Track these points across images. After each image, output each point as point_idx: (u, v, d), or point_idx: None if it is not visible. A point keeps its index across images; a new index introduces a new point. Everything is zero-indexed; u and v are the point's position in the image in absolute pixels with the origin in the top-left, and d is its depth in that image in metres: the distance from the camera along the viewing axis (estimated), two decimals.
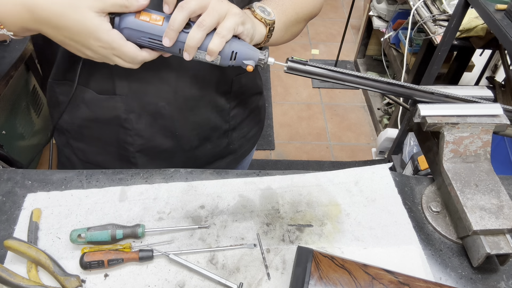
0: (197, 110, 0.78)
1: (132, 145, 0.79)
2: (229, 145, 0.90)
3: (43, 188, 0.72)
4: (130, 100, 0.73)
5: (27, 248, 0.58)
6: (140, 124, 0.76)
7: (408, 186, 0.77)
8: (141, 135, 0.77)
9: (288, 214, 0.70)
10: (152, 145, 0.79)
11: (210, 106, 0.79)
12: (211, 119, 0.81)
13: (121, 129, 0.77)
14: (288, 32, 0.75)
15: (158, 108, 0.74)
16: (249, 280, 0.61)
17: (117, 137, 0.79)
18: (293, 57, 0.63)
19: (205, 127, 0.81)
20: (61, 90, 0.76)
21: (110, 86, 0.71)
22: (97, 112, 0.75)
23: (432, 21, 1.79)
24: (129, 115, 0.74)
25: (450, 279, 0.63)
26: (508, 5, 1.28)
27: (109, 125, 0.77)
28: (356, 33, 3.41)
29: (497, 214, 0.62)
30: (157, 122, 0.76)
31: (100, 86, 0.72)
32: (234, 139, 0.90)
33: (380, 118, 2.66)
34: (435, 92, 0.67)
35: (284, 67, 0.64)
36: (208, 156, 0.88)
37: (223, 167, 0.93)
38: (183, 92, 0.74)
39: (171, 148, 0.81)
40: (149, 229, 0.65)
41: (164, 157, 0.82)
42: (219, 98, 0.79)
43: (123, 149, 0.80)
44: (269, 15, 0.67)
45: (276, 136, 2.59)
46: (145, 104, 0.73)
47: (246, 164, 1.04)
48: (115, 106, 0.73)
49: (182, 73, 0.72)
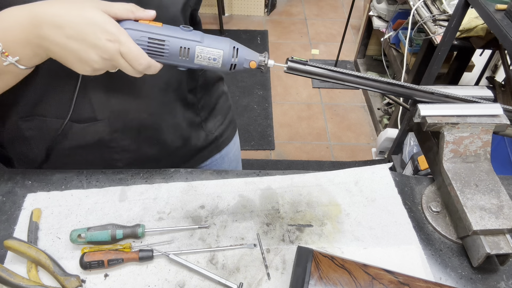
0: (174, 112, 0.78)
1: (120, 161, 0.78)
2: (208, 136, 0.91)
3: (43, 188, 0.72)
4: (112, 122, 0.71)
5: (27, 248, 0.58)
6: (125, 141, 0.75)
7: (408, 186, 0.77)
8: (128, 150, 0.77)
9: (288, 214, 0.70)
10: (139, 156, 0.79)
11: (183, 104, 0.80)
12: (185, 116, 0.82)
13: (106, 149, 0.75)
14: None
15: (141, 120, 0.74)
16: (249, 280, 0.61)
17: (102, 157, 0.77)
18: (293, 57, 0.63)
19: (183, 125, 0.82)
20: (28, 126, 0.70)
21: (90, 114, 0.69)
22: (78, 140, 0.73)
23: (432, 21, 1.79)
24: (112, 135, 0.73)
25: (450, 279, 0.63)
26: (508, 5, 1.27)
27: (92, 149, 0.75)
28: (356, 33, 3.41)
29: (497, 214, 0.62)
30: (141, 135, 0.76)
31: (79, 116, 0.69)
32: (211, 129, 0.91)
33: (380, 118, 2.66)
34: (435, 92, 0.67)
35: (284, 67, 0.64)
36: (192, 151, 0.89)
37: (207, 157, 0.94)
38: (160, 98, 0.74)
39: (158, 154, 0.82)
40: (149, 229, 0.65)
41: (152, 162, 0.82)
42: (188, 95, 0.81)
43: (110, 166, 0.79)
44: None
45: (276, 136, 2.59)
46: (127, 121, 0.73)
47: (232, 151, 1.04)
48: (97, 131, 0.72)
49: (155, 82, 0.71)
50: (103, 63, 0.54)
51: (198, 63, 0.59)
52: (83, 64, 0.54)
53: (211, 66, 0.59)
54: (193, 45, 0.57)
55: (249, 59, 0.61)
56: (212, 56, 0.58)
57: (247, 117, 2.67)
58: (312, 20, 3.69)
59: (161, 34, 0.56)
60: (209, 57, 0.58)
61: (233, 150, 1.04)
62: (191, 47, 0.57)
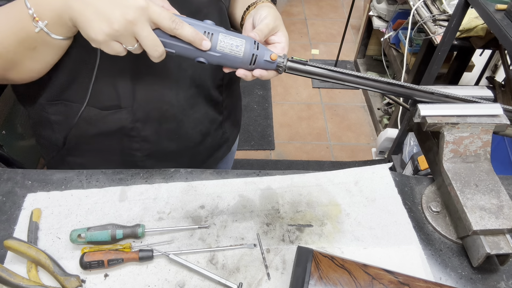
0: (197, 107, 0.79)
1: (139, 150, 0.79)
2: (223, 135, 0.91)
3: (43, 188, 0.72)
4: (135, 111, 0.72)
5: (27, 248, 0.58)
6: (146, 131, 0.76)
7: (408, 186, 0.77)
8: (148, 140, 0.78)
9: (288, 214, 0.70)
10: (159, 148, 0.80)
11: (207, 101, 0.80)
12: (208, 113, 0.82)
13: (126, 137, 0.76)
14: None
15: (162, 112, 0.74)
16: (249, 280, 0.61)
17: (122, 146, 0.78)
18: (293, 57, 0.63)
19: (204, 122, 0.83)
20: (54, 110, 0.73)
21: (115, 102, 0.71)
22: (100, 127, 0.74)
23: (432, 21, 1.79)
24: (135, 124, 0.74)
25: (450, 279, 0.63)
26: (508, 5, 1.27)
27: (113, 136, 0.76)
28: (356, 33, 3.41)
29: (497, 214, 0.62)
30: (162, 126, 0.76)
31: (104, 103, 0.71)
32: (227, 129, 0.92)
33: (380, 118, 2.66)
34: (435, 92, 0.67)
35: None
36: (209, 149, 0.90)
37: (220, 157, 0.95)
38: (184, 92, 0.75)
39: (177, 149, 0.82)
40: (149, 229, 0.65)
41: (171, 158, 0.83)
42: (213, 92, 0.81)
43: (129, 155, 0.79)
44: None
45: (276, 136, 2.59)
46: (150, 110, 0.73)
47: (234, 151, 1.06)
48: (120, 118, 0.73)
49: (181, 75, 0.73)
50: (125, 26, 0.51)
51: (221, 50, 0.59)
52: (101, 22, 0.50)
53: (232, 55, 0.59)
54: (217, 30, 0.58)
55: (270, 52, 0.61)
56: (234, 43, 0.59)
57: (247, 117, 2.67)
58: (312, 20, 3.69)
59: (186, 17, 0.57)
60: (232, 44, 0.59)
61: (234, 150, 1.05)
62: (214, 33, 0.58)
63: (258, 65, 0.61)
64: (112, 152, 0.79)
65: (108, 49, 0.54)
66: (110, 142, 0.77)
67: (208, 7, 0.71)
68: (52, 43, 0.57)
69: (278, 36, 0.67)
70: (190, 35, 0.55)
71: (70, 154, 0.80)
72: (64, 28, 0.56)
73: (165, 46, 0.56)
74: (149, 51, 0.55)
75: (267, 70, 0.63)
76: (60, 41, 0.58)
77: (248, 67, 0.61)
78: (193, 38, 0.55)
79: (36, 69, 0.62)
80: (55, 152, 0.80)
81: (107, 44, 0.53)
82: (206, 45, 0.57)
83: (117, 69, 0.67)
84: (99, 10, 0.50)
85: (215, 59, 0.59)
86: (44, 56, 0.60)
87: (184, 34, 0.55)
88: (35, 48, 0.58)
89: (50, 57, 0.61)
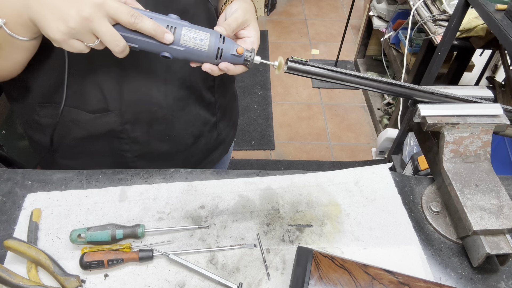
0: (188, 109, 0.78)
1: (129, 152, 0.79)
2: (219, 136, 0.91)
3: (43, 188, 0.72)
4: (124, 113, 0.72)
5: (27, 248, 0.58)
6: (136, 133, 0.76)
7: (408, 186, 0.77)
8: (138, 142, 0.77)
9: (288, 214, 0.70)
10: (149, 149, 0.80)
11: (198, 102, 0.80)
12: (200, 114, 0.82)
13: (116, 139, 0.76)
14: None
15: (152, 114, 0.74)
16: (249, 280, 0.61)
17: (112, 148, 0.78)
18: (293, 57, 0.63)
19: (196, 123, 0.82)
20: (44, 113, 0.73)
21: (102, 104, 0.70)
22: (89, 129, 0.73)
23: (432, 21, 1.79)
24: (124, 126, 0.74)
25: (450, 279, 0.63)
26: (508, 5, 1.27)
27: (103, 138, 0.75)
28: (356, 33, 3.41)
29: (497, 214, 0.62)
30: (152, 128, 0.76)
31: (91, 105, 0.70)
32: (222, 130, 0.91)
33: (380, 118, 2.66)
34: (435, 92, 0.67)
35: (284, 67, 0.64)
36: (203, 151, 0.89)
37: (217, 158, 0.95)
38: (173, 94, 0.74)
39: (168, 150, 0.81)
40: (149, 229, 0.65)
41: (163, 159, 0.83)
42: (205, 93, 0.80)
43: (119, 156, 0.79)
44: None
45: (276, 136, 2.59)
46: (138, 112, 0.73)
47: (230, 150, 1.06)
48: (108, 121, 0.73)
49: (169, 76, 0.72)
50: (81, 23, 0.50)
51: (185, 44, 0.58)
52: (58, 21, 0.50)
53: (197, 49, 0.58)
54: (180, 24, 0.57)
55: (237, 46, 0.60)
56: (199, 37, 0.58)
57: (247, 117, 2.67)
58: (312, 20, 3.69)
59: (149, 12, 0.56)
60: (196, 37, 0.58)
61: (230, 151, 1.05)
62: (178, 26, 0.57)
63: (224, 59, 0.60)
64: (102, 153, 0.79)
65: (69, 47, 0.53)
66: (100, 144, 0.76)
67: (196, 8, 0.70)
68: (17, 43, 0.56)
69: (248, 30, 0.66)
70: (151, 29, 0.54)
71: (61, 156, 0.80)
72: (25, 28, 0.55)
73: (128, 41, 0.55)
74: (110, 47, 0.54)
75: (235, 64, 0.62)
76: (25, 41, 0.57)
77: (214, 61, 0.60)
78: (154, 31, 0.54)
79: (6, 67, 0.61)
80: (44, 153, 0.79)
81: (66, 42, 0.53)
82: (168, 38, 0.56)
83: (102, 71, 0.67)
84: (56, 9, 0.50)
85: (180, 54, 0.58)
86: (11, 55, 0.59)
87: (145, 28, 0.54)
88: (0, 47, 0.57)
89: (18, 56, 0.60)
